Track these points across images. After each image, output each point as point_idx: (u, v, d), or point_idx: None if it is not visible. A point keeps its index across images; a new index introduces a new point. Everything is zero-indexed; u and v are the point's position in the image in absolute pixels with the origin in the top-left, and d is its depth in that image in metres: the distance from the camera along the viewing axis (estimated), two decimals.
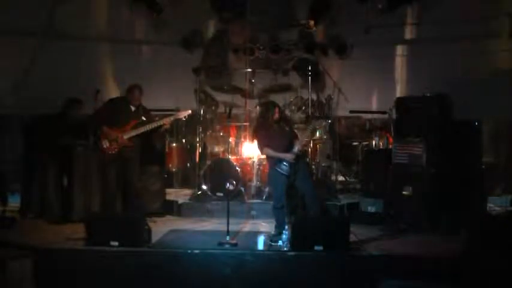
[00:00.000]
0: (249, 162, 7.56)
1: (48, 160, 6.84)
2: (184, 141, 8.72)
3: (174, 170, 8.56)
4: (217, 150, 7.86)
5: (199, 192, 7.44)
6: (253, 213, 7.03)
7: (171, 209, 7.27)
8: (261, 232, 6.28)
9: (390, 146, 7.43)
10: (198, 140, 7.95)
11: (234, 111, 8.20)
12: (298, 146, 5.79)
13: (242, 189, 7.24)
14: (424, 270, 5.07)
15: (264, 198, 7.26)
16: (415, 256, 5.31)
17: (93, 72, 8.19)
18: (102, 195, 6.47)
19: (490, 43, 8.13)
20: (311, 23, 8.36)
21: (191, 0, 8.52)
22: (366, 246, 5.53)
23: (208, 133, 7.95)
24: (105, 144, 6.18)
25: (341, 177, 8.62)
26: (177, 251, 5.31)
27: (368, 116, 9.10)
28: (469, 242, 4.98)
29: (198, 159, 7.82)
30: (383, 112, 7.97)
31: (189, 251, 5.23)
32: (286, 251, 5.43)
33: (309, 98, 7.68)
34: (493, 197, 7.38)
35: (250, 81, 7.98)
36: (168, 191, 7.70)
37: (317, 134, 7.76)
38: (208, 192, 7.28)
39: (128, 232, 5.36)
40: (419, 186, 6.32)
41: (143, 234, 5.44)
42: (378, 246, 5.57)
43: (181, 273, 5.11)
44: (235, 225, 6.15)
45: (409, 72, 8.51)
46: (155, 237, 5.73)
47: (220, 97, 8.34)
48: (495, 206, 7.16)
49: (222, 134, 7.85)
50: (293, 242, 5.35)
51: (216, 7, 8.48)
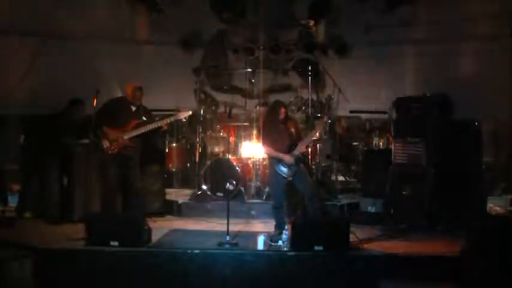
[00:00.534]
0: (249, 162, 7.57)
1: (48, 160, 6.83)
2: (184, 141, 8.72)
3: (174, 170, 8.56)
4: (217, 150, 7.87)
5: (199, 192, 7.44)
6: (253, 213, 7.03)
7: (171, 209, 7.27)
8: (261, 232, 6.28)
9: (390, 146, 7.42)
10: (198, 140, 7.95)
11: (234, 111, 8.19)
12: (299, 148, 5.80)
13: (242, 189, 7.25)
14: (424, 270, 5.08)
15: (264, 198, 7.26)
16: (415, 256, 5.30)
17: (93, 72, 8.19)
18: (102, 195, 6.47)
19: (490, 43, 8.13)
20: (311, 23, 8.38)
21: (191, 0, 8.52)
22: (366, 246, 5.52)
23: (208, 133, 7.96)
24: (106, 144, 6.17)
25: (341, 177, 8.61)
26: (177, 251, 5.29)
27: (368, 116, 9.10)
28: (469, 241, 4.99)
29: (198, 159, 7.82)
30: (383, 112, 7.96)
31: (189, 251, 5.21)
32: (286, 251, 5.42)
33: (309, 98, 7.68)
34: (493, 197, 7.38)
35: (250, 81, 7.98)
36: (168, 191, 7.70)
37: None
38: (208, 192, 7.29)
39: (128, 232, 5.36)
40: (419, 186, 6.33)
41: (143, 234, 5.44)
42: (377, 246, 5.57)
43: (181, 273, 5.11)
44: (235, 225, 6.15)
45: (409, 72, 8.51)
46: (155, 237, 5.72)
47: (220, 97, 8.35)
48: (495, 206, 7.15)
49: (222, 134, 7.86)
50: (293, 242, 5.34)
51: (216, 7, 8.49)
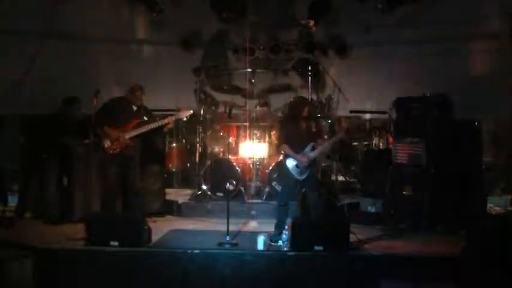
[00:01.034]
0: (249, 162, 7.57)
1: (48, 160, 6.83)
2: (184, 141, 8.72)
3: (174, 170, 8.56)
4: (217, 150, 7.87)
5: (199, 192, 7.44)
6: (253, 213, 7.03)
7: (171, 209, 7.28)
8: (261, 232, 6.28)
9: (390, 146, 7.43)
10: (198, 140, 7.95)
11: (234, 111, 8.18)
12: (317, 153, 5.76)
13: (242, 189, 7.25)
14: (424, 270, 5.08)
15: (264, 198, 7.26)
16: (415, 256, 5.31)
17: (93, 72, 8.18)
18: (102, 195, 6.47)
19: (490, 43, 8.13)
20: (311, 23, 8.36)
21: (191, 0, 8.52)
22: (366, 246, 5.53)
23: (208, 133, 7.95)
24: (107, 143, 6.17)
25: (341, 177, 8.62)
26: (177, 251, 5.29)
27: (368, 116, 9.10)
28: (469, 242, 4.99)
29: (198, 159, 7.82)
30: (383, 112, 7.96)
31: (189, 251, 5.21)
32: (286, 251, 5.43)
33: (309, 98, 7.67)
34: (493, 197, 7.38)
35: (250, 81, 7.97)
36: (168, 191, 7.70)
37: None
38: (208, 192, 7.29)
39: (128, 232, 5.36)
40: (419, 186, 6.32)
41: (143, 234, 5.45)
42: (377, 246, 5.57)
43: (181, 273, 5.11)
44: (235, 225, 6.15)
45: (409, 72, 8.51)
46: (155, 237, 5.73)
47: (220, 97, 8.34)
48: (495, 206, 7.16)
49: (222, 134, 7.85)
50: (293, 242, 5.34)
51: (216, 7, 8.48)
